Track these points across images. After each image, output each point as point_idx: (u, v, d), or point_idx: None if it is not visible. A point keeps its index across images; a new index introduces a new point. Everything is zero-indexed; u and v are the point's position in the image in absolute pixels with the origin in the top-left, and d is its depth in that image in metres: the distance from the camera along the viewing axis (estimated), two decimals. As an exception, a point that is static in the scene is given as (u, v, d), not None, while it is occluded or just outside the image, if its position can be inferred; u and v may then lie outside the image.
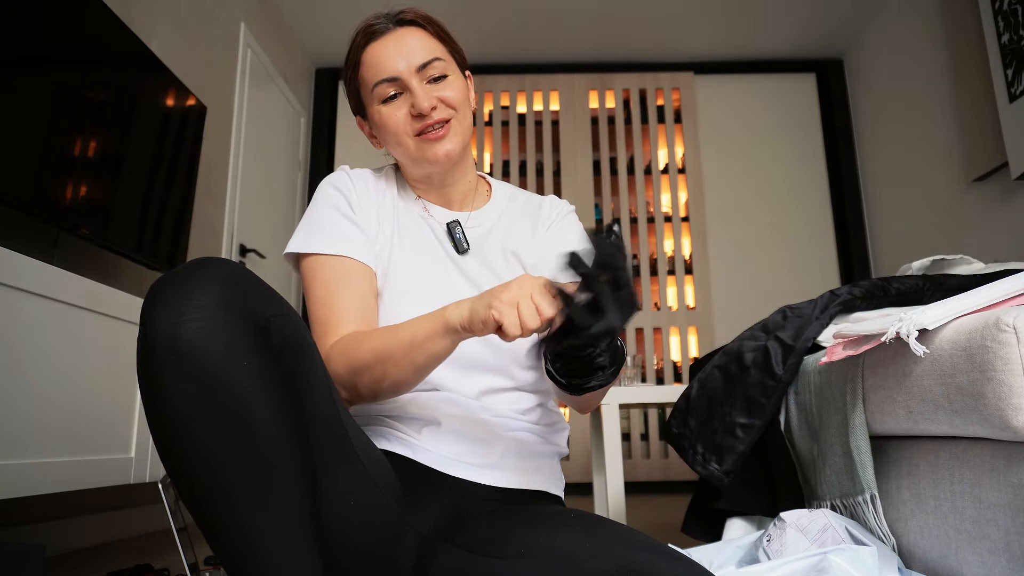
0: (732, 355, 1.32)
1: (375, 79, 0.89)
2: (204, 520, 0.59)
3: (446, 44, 0.94)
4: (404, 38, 0.90)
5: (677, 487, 3.75)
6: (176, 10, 2.71)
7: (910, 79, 3.60)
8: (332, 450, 0.69)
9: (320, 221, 0.91)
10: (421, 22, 0.93)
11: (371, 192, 0.96)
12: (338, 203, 0.92)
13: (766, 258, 4.14)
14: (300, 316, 0.69)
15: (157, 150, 2.22)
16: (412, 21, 0.92)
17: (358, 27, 0.92)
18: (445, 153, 0.89)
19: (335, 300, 0.86)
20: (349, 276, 0.88)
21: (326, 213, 0.92)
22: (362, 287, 0.88)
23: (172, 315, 0.57)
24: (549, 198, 1.05)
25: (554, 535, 0.68)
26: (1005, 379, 0.78)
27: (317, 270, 0.89)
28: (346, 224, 0.91)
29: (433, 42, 0.92)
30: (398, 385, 0.80)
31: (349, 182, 0.95)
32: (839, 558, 0.86)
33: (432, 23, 0.94)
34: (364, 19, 0.92)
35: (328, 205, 0.92)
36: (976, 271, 1.40)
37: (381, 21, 0.91)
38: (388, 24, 0.91)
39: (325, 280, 0.88)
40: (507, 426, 0.89)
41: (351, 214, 0.92)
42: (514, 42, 4.08)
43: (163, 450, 0.59)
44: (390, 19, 0.92)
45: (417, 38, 0.91)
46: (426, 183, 0.97)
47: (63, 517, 1.99)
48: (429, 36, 0.92)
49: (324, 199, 0.93)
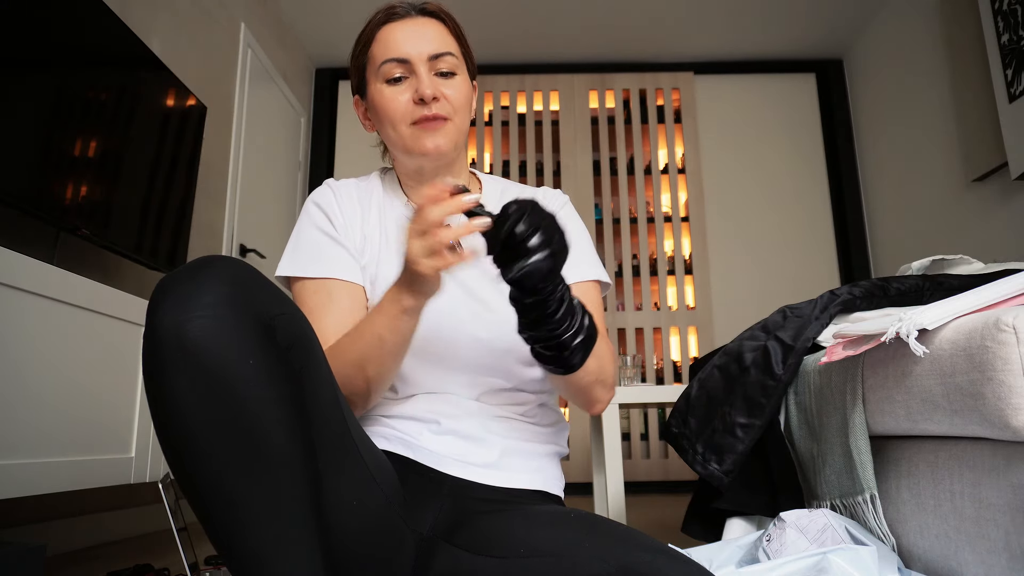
0: (732, 355, 1.32)
1: (385, 56, 0.90)
2: (207, 519, 0.59)
3: (461, 45, 0.95)
4: (423, 26, 0.91)
5: (677, 487, 3.75)
6: (176, 10, 2.71)
7: (910, 79, 3.60)
8: (336, 450, 0.69)
9: (305, 243, 0.93)
10: (443, 16, 0.94)
11: (356, 203, 0.96)
12: (320, 223, 0.93)
13: (766, 258, 4.14)
14: (305, 316, 0.69)
15: (157, 150, 2.22)
16: (434, 13, 0.93)
17: (380, 7, 0.93)
18: (435, 146, 0.89)
19: (320, 324, 0.86)
20: (333, 298, 0.89)
21: (310, 235, 0.93)
22: (348, 307, 0.89)
23: (178, 313, 0.57)
24: (543, 189, 1.05)
25: (554, 535, 0.68)
26: (1005, 379, 0.78)
27: (303, 294, 0.91)
28: (329, 244, 0.92)
29: (450, 38, 0.93)
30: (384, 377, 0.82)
31: (332, 197, 0.96)
32: (839, 558, 0.86)
33: (452, 20, 0.95)
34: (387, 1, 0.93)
35: (311, 225, 0.94)
36: (976, 271, 1.40)
37: (404, 6, 0.92)
38: (410, 11, 0.92)
39: (310, 306, 0.89)
40: (506, 426, 0.89)
41: (334, 232, 0.93)
42: (514, 42, 4.08)
43: (167, 448, 0.60)
44: (413, 7, 0.92)
45: (435, 29, 0.91)
46: (417, 179, 0.97)
47: (63, 517, 1.99)
48: (447, 31, 0.93)
49: (307, 219, 0.94)
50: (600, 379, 0.88)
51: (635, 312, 4.08)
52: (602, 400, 0.92)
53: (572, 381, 0.85)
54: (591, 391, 0.89)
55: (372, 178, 1.02)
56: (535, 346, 0.74)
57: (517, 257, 0.67)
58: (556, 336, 0.72)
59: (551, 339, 0.72)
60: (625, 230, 4.17)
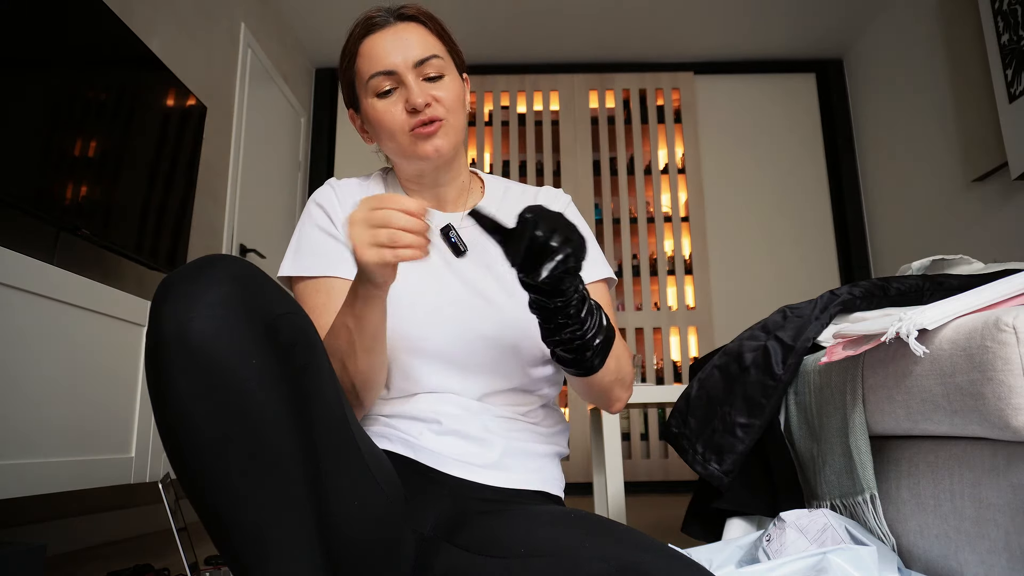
0: (732, 355, 1.32)
1: (371, 71, 0.89)
2: (209, 518, 0.59)
3: (445, 43, 0.94)
4: (403, 33, 0.90)
5: (677, 487, 3.75)
6: (176, 10, 2.71)
7: (910, 79, 3.60)
8: (338, 450, 0.69)
9: (307, 243, 0.93)
10: (422, 19, 0.93)
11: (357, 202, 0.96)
12: (321, 222, 0.94)
13: (766, 258, 4.14)
14: (308, 315, 0.69)
15: (157, 150, 2.22)
16: (413, 17, 0.92)
17: (357, 19, 0.93)
18: (435, 148, 0.89)
19: (322, 322, 0.87)
20: (335, 297, 0.89)
21: (311, 234, 0.94)
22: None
23: (182, 311, 0.57)
24: (545, 189, 1.05)
25: (554, 535, 0.68)
26: (1005, 379, 0.78)
27: (305, 293, 0.91)
28: (331, 244, 0.93)
29: (432, 39, 0.92)
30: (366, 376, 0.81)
31: (334, 196, 0.96)
32: (839, 558, 0.86)
33: (433, 20, 0.94)
34: (366, 11, 0.93)
35: (312, 225, 0.94)
36: (976, 271, 1.40)
37: (381, 15, 0.91)
38: (388, 18, 0.91)
39: (312, 305, 0.90)
40: (508, 426, 0.89)
41: (335, 231, 0.93)
42: (514, 42, 4.08)
43: (169, 446, 0.60)
44: (391, 13, 0.92)
45: (416, 34, 0.90)
46: (418, 182, 0.97)
47: (63, 517, 1.99)
48: (429, 33, 0.92)
49: (309, 219, 0.95)
50: (619, 378, 0.89)
51: (635, 312, 4.08)
52: (621, 399, 0.93)
53: (593, 382, 0.85)
54: (611, 391, 0.90)
55: (374, 177, 1.02)
56: (557, 350, 0.76)
57: (543, 260, 0.68)
58: (579, 337, 0.74)
59: (574, 340, 0.74)
60: (625, 230, 4.17)
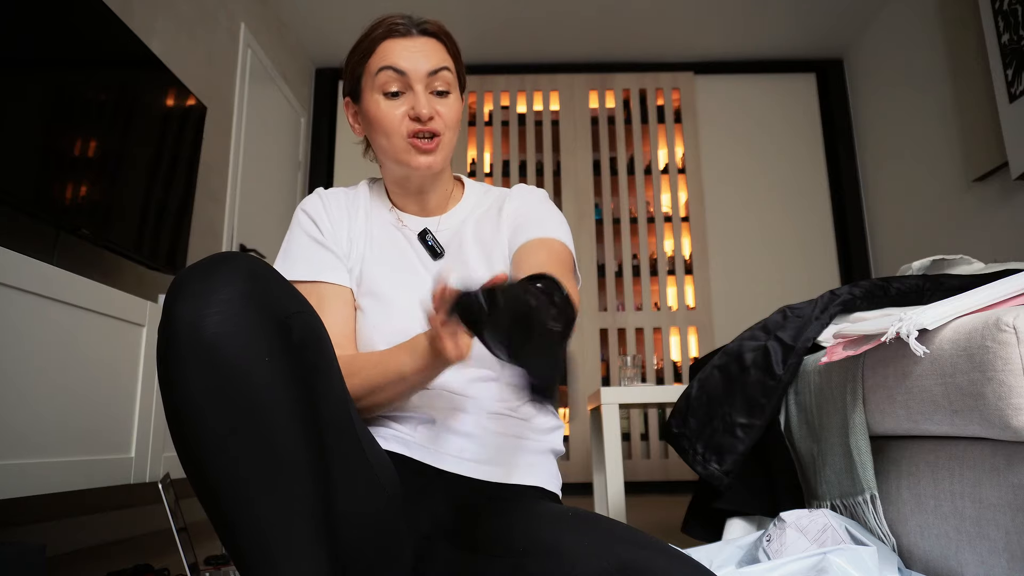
0: (732, 355, 1.32)
1: (384, 65, 0.92)
2: (215, 512, 0.60)
3: (456, 63, 0.98)
4: (424, 45, 0.94)
5: (677, 487, 3.75)
6: (176, 10, 2.71)
7: (910, 79, 3.60)
8: (344, 450, 0.70)
9: (295, 249, 0.96)
10: (442, 37, 0.97)
11: (343, 210, 1.00)
12: (309, 229, 0.97)
13: (766, 258, 4.14)
14: (319, 316, 0.70)
15: (157, 150, 2.22)
16: (434, 34, 0.96)
17: (379, 20, 0.95)
18: (428, 164, 0.93)
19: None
20: (325, 300, 0.92)
21: (300, 241, 0.97)
22: (339, 308, 0.93)
23: (196, 308, 0.58)
24: (515, 187, 1.06)
25: (554, 533, 0.68)
26: (1005, 379, 0.78)
27: None
28: (318, 250, 0.95)
29: (446, 55, 0.96)
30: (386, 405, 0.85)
31: (321, 205, 0.99)
32: (839, 558, 0.86)
33: (451, 40, 0.98)
34: (387, 15, 0.95)
35: (300, 232, 0.97)
36: (976, 271, 1.40)
37: (405, 23, 0.94)
38: (411, 28, 0.94)
39: None
40: (502, 423, 0.89)
41: (322, 238, 0.96)
42: (514, 42, 4.08)
43: (178, 441, 0.60)
44: (413, 24, 0.94)
45: (434, 48, 0.94)
46: (403, 187, 1.00)
47: (63, 517, 1.99)
48: (444, 51, 0.96)
49: (297, 226, 0.98)
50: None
51: (635, 312, 4.08)
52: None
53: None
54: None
55: (360, 187, 1.05)
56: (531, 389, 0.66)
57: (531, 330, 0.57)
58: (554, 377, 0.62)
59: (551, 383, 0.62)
60: (625, 230, 4.17)
